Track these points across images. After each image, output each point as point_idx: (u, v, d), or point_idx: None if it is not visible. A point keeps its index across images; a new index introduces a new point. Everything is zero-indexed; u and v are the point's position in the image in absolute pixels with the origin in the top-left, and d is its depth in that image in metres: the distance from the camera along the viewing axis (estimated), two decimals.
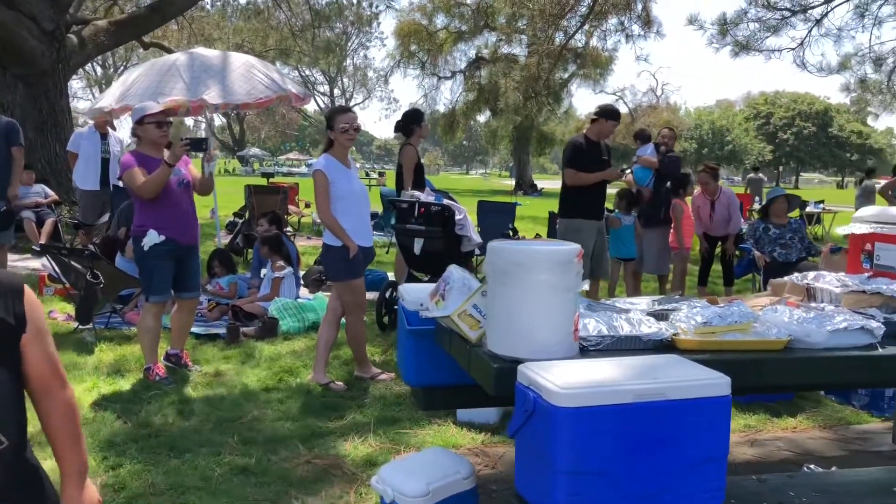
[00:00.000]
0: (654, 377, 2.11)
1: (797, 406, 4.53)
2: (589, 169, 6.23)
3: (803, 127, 67.04)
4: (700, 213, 7.76)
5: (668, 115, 51.11)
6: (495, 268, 2.46)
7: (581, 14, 19.33)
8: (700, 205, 7.79)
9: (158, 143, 4.71)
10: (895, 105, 18.68)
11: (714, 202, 7.69)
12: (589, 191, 6.26)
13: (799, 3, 16.07)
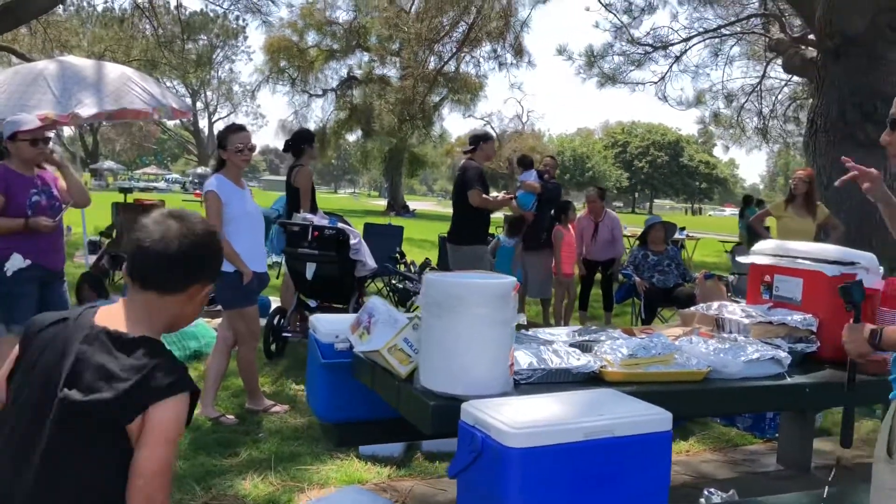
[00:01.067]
0: (600, 414, 2.10)
1: (688, 430, 4.70)
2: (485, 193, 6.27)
3: (657, 156, 71.28)
4: (584, 234, 8.01)
5: (532, 142, 52.82)
6: (431, 301, 2.38)
7: (456, 39, 19.71)
8: (584, 226, 8.05)
9: (31, 161, 4.27)
10: (743, 138, 20.14)
11: (598, 224, 7.98)
12: (483, 216, 6.30)
13: (660, 40, 17.04)
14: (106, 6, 24.11)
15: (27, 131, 4.16)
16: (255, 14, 14.13)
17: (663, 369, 2.66)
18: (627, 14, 15.85)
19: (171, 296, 1.62)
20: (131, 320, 1.59)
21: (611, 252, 8.04)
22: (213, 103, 65.01)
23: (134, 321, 1.58)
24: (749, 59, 18.54)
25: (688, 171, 72.75)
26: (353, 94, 36.13)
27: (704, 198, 79.85)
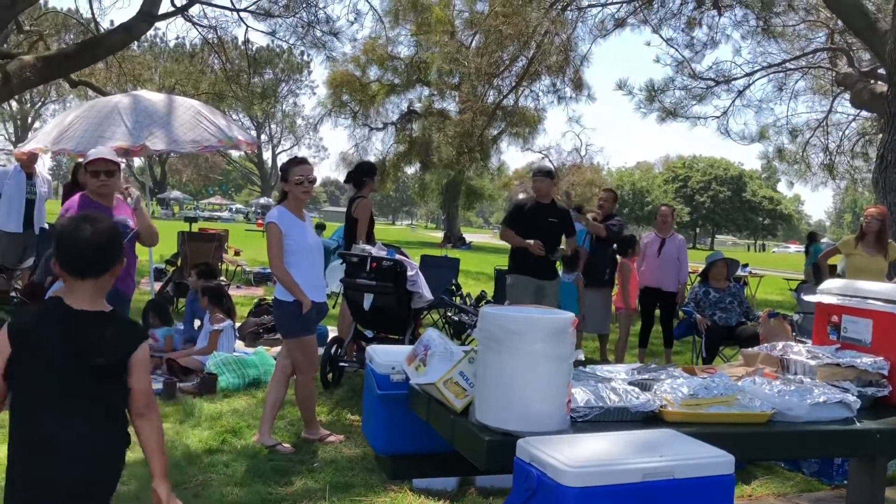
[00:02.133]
0: (660, 454, 2.05)
1: (750, 473, 4.56)
2: (526, 228, 6.61)
3: (719, 191, 70.09)
4: (647, 251, 7.83)
5: (591, 175, 52.57)
6: (488, 335, 2.37)
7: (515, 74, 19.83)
8: (649, 242, 7.86)
9: (99, 192, 4.40)
10: (808, 174, 19.68)
11: (665, 240, 7.81)
12: (523, 249, 6.59)
13: (722, 75, 16.86)
14: (177, 42, 25.08)
15: (90, 162, 4.32)
16: (319, 49, 14.46)
17: (725, 410, 2.59)
18: (689, 49, 15.74)
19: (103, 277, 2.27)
20: (92, 300, 2.24)
21: (674, 279, 7.77)
22: (276, 136, 66.78)
23: (93, 301, 2.24)
24: (815, 93, 18.18)
25: (750, 207, 71.28)
26: (412, 128, 36.62)
27: (768, 234, 78.02)
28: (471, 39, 21.65)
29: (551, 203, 6.81)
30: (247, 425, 4.95)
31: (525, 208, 6.89)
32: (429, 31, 24.80)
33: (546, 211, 6.71)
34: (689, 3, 14.53)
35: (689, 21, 14.99)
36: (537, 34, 15.05)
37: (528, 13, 14.91)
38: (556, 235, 6.75)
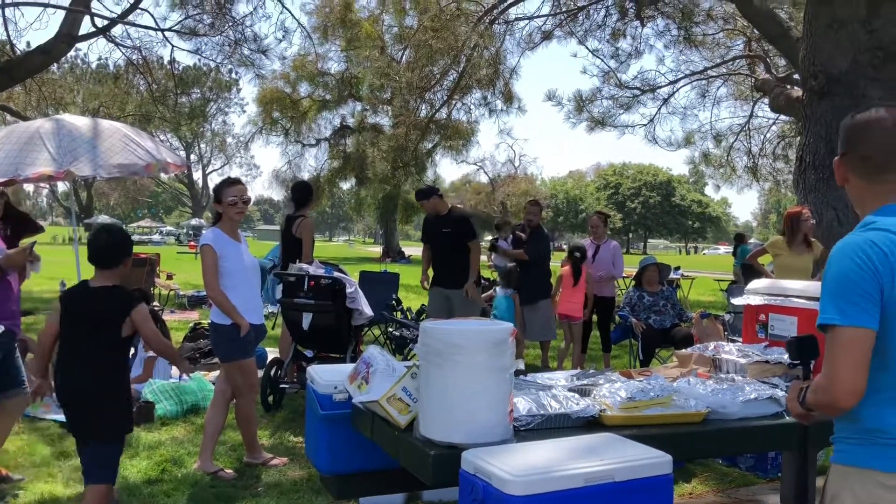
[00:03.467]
0: (601, 459, 2.10)
1: (689, 472, 4.67)
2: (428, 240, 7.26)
3: (649, 196, 71.81)
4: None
5: (525, 185, 53.19)
6: (429, 349, 2.39)
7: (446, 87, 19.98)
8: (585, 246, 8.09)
9: None
10: (734, 177, 20.33)
11: (599, 247, 8.02)
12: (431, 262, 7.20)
13: (647, 83, 17.31)
14: (100, 63, 24.48)
15: None
16: (247, 67, 14.31)
17: (662, 411, 2.66)
18: (615, 59, 16.11)
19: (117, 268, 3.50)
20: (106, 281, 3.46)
21: (608, 285, 8.00)
22: (206, 155, 65.64)
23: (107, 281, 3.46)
24: (736, 99, 18.82)
25: (680, 211, 73.21)
26: (346, 143, 36.47)
27: (698, 237, 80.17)
28: (401, 54, 21.72)
29: (447, 214, 7.02)
30: (187, 453, 4.84)
31: (428, 223, 7.32)
32: (359, 46, 24.77)
33: (441, 222, 6.99)
34: (612, 14, 14.89)
35: (613, 32, 15.35)
36: (466, 48, 15.19)
37: (457, 27, 15.04)
38: (454, 244, 6.88)
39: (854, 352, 1.70)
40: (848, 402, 1.72)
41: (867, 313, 1.70)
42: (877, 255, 1.72)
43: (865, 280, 1.71)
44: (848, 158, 1.90)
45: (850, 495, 1.77)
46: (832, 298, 1.74)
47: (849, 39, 7.73)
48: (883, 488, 1.71)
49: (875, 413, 1.75)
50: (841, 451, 1.84)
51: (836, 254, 1.78)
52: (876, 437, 1.75)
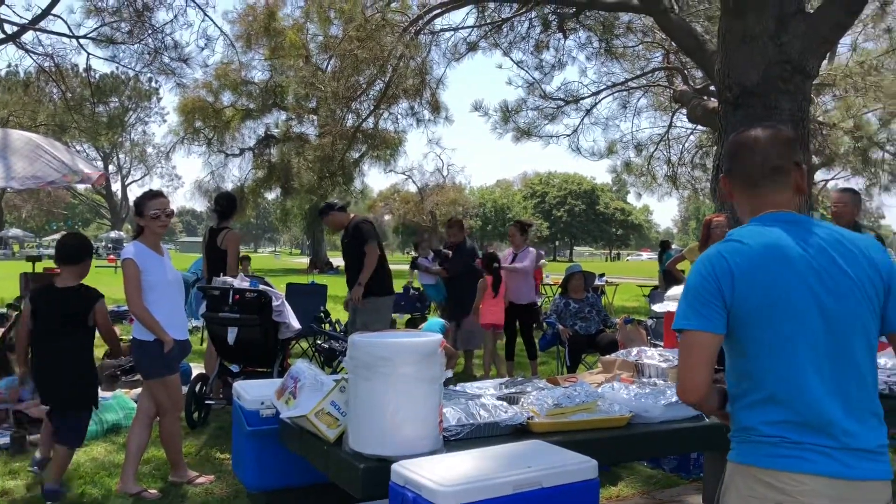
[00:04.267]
0: (528, 466, 2.13)
1: (616, 475, 4.77)
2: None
3: (574, 205, 73.17)
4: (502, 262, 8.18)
5: (454, 194, 53.50)
6: (357, 362, 2.39)
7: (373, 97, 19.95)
8: (503, 258, 8.24)
9: None
10: (654, 185, 20.89)
11: (517, 255, 8.14)
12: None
13: (571, 94, 17.65)
14: (9, 70, 23.48)
15: None
16: (168, 76, 13.98)
17: (587, 417, 2.73)
18: (539, 70, 16.37)
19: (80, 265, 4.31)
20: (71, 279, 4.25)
21: (526, 293, 8.11)
22: (126, 166, 63.75)
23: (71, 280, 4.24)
24: (656, 110, 19.35)
25: (604, 219, 74.83)
26: (270, 153, 35.98)
27: (622, 244, 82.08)
28: (326, 63, 21.59)
29: (347, 226, 6.93)
30: (108, 474, 4.68)
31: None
32: (283, 55, 24.50)
33: (344, 234, 6.98)
34: (536, 27, 15.13)
35: (537, 44, 15.60)
36: (393, 58, 15.20)
37: (383, 37, 15.04)
38: (353, 253, 6.75)
39: (695, 352, 1.85)
40: (692, 397, 1.88)
41: (708, 319, 1.83)
42: (720, 264, 1.85)
43: (707, 290, 1.85)
44: (730, 174, 2.04)
45: (734, 489, 1.91)
46: (683, 306, 1.89)
47: (760, 53, 8.07)
48: (759, 483, 1.83)
49: (746, 415, 1.88)
50: (732, 448, 1.97)
51: (695, 264, 1.93)
52: (750, 435, 1.87)
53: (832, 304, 1.82)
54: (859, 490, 1.78)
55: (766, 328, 1.82)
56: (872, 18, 14.61)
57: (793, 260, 1.84)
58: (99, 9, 12.53)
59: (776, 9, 7.06)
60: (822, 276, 1.83)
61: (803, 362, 1.81)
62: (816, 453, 1.78)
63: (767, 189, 1.96)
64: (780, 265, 1.83)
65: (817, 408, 1.80)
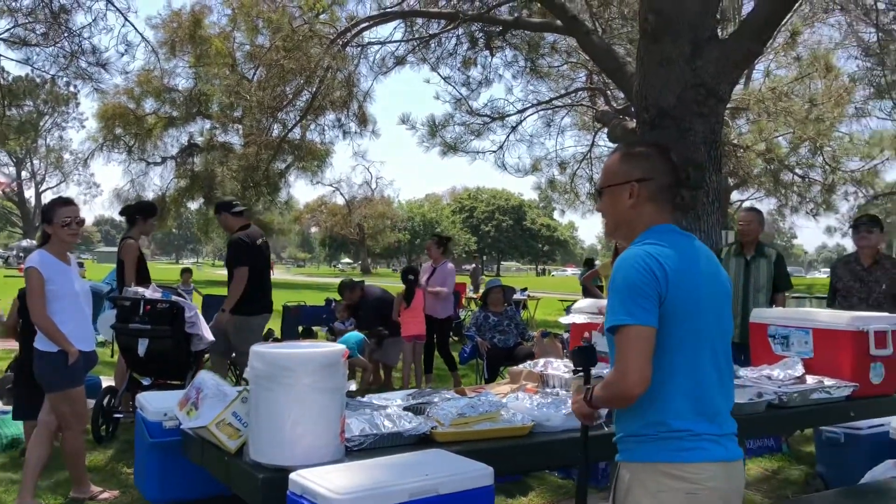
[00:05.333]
0: (425, 474, 2.16)
1: (527, 485, 4.85)
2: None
3: (502, 220, 73.98)
4: (422, 278, 8.29)
5: (382, 208, 53.47)
6: (258, 373, 2.38)
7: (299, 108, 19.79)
8: (423, 271, 8.41)
9: None
10: (577, 203, 21.33)
11: (436, 269, 8.24)
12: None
13: (497, 111, 17.90)
14: None
15: None
16: (86, 81, 13.56)
17: (490, 426, 2.78)
18: (466, 87, 16.55)
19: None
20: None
21: (443, 307, 8.19)
22: (41, 172, 61.37)
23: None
24: (579, 129, 19.78)
25: (531, 234, 75.89)
26: (194, 162, 35.21)
27: (548, 259, 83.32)
28: (253, 73, 21.32)
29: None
30: (4, 490, 4.50)
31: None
32: (208, 63, 24.06)
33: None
34: (463, 43, 15.31)
35: (464, 61, 15.78)
36: (320, 69, 15.15)
37: (310, 48, 14.98)
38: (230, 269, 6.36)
39: (640, 346, 1.94)
40: (638, 391, 1.95)
41: (649, 313, 1.95)
42: (654, 264, 1.98)
43: (648, 285, 1.96)
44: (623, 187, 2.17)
45: (640, 488, 2.01)
46: (621, 302, 1.97)
47: (676, 76, 8.36)
48: (667, 477, 1.96)
49: (657, 408, 2.00)
50: (628, 450, 2.09)
51: (621, 264, 2.03)
52: (659, 431, 1.99)
53: (718, 306, 2.08)
54: (735, 469, 2.04)
55: (683, 325, 1.98)
56: (783, 47, 15.34)
57: (699, 267, 2.05)
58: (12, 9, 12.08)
59: (691, 34, 7.35)
60: (713, 283, 2.09)
61: (704, 358, 2.02)
62: (710, 442, 1.99)
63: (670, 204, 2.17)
64: (693, 270, 2.04)
65: (712, 400, 2.02)
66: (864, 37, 16.32)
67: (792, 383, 3.59)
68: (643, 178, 2.15)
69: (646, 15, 6.58)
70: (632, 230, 2.16)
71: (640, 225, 2.14)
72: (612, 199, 2.20)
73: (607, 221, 2.26)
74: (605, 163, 2.32)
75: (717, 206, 6.98)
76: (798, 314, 4.16)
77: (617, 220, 2.21)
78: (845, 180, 19.29)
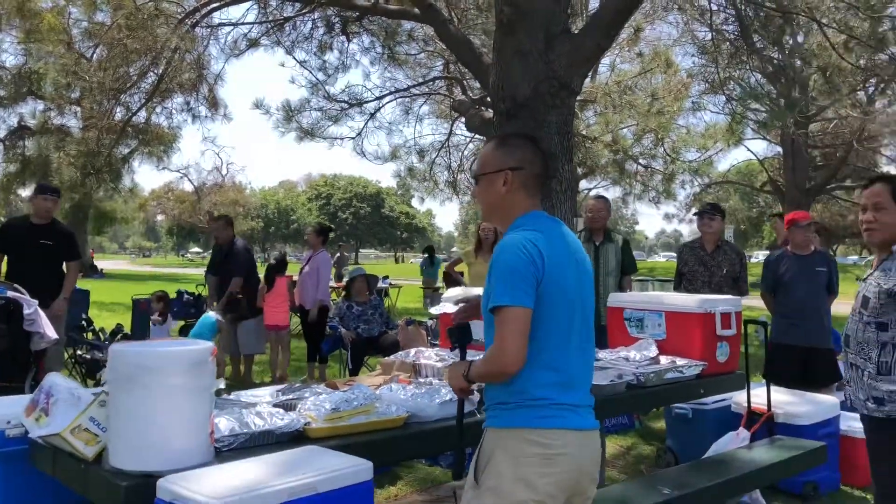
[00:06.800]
0: (303, 472, 2.11)
1: (395, 475, 4.85)
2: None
3: (360, 207, 73.55)
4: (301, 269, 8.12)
5: (234, 195, 51.72)
6: (119, 374, 2.23)
7: (144, 90, 18.76)
8: (302, 258, 8.18)
9: None
10: (436, 191, 21.54)
11: (311, 258, 8.09)
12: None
13: (355, 98, 17.73)
14: None
15: None
16: None
17: (365, 419, 2.74)
18: (322, 72, 16.26)
19: None
20: None
21: (311, 296, 8.02)
22: None
23: None
24: (437, 117, 19.94)
25: (389, 222, 75.94)
26: (25, 145, 32.67)
27: (406, 246, 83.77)
28: (92, 52, 20.00)
29: (51, 219, 6.36)
30: None
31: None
32: (40, 39, 22.31)
33: (43, 228, 6.23)
34: (319, 28, 15.03)
35: (320, 45, 15.50)
36: (167, 50, 14.41)
37: (156, 28, 14.21)
38: (50, 256, 6.21)
39: (519, 326, 2.06)
40: (515, 367, 2.07)
41: (528, 295, 2.07)
42: (533, 249, 2.11)
43: (527, 269, 2.09)
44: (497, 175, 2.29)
45: (501, 452, 2.11)
46: (503, 285, 2.08)
47: (530, 68, 8.58)
48: (527, 443, 2.08)
49: (522, 378, 2.10)
50: (494, 416, 2.19)
51: (501, 249, 2.15)
52: (523, 399, 2.11)
53: (584, 287, 2.24)
54: (591, 437, 2.18)
55: (553, 305, 2.11)
56: (627, 42, 16.13)
57: (568, 250, 2.21)
58: None
59: (545, 27, 7.56)
60: (580, 267, 2.24)
61: (570, 335, 2.17)
62: (568, 411, 2.13)
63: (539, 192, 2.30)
64: (563, 254, 2.18)
65: (574, 373, 2.17)
66: (699, 35, 17.48)
67: (647, 364, 3.79)
68: (516, 167, 2.28)
69: (501, 7, 6.70)
70: (506, 216, 2.30)
71: (514, 211, 2.28)
72: (487, 186, 2.32)
73: (483, 207, 2.40)
74: (481, 151, 2.40)
75: (570, 194, 7.23)
76: (651, 298, 4.40)
77: (491, 205, 2.34)
78: (683, 170, 20.58)
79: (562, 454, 2.08)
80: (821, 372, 5.41)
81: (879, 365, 2.84)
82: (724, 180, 31.63)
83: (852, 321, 2.98)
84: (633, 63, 17.63)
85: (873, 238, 2.94)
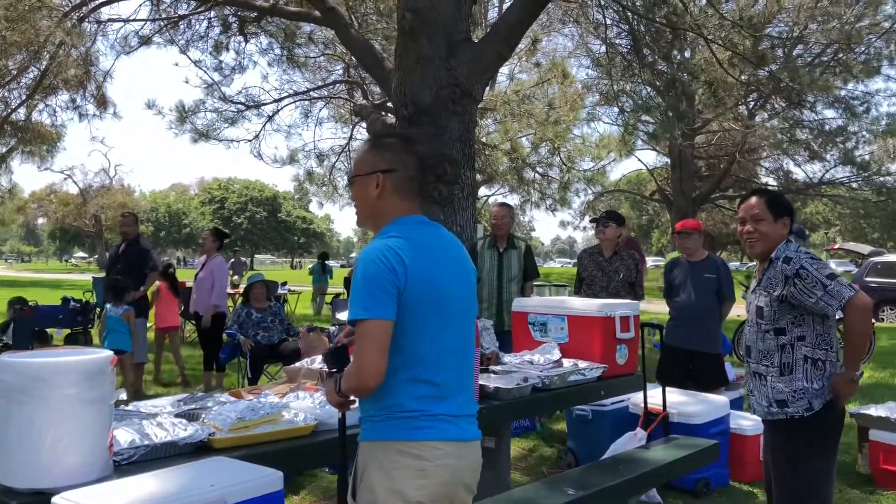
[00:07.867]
0: (211, 484, 2.03)
1: (298, 483, 4.76)
2: None
3: (255, 212, 71.96)
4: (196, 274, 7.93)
5: (122, 197, 49.70)
6: (7, 386, 2.09)
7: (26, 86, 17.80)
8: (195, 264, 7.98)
9: None
10: (335, 195, 21.35)
11: (206, 263, 7.91)
12: None
13: (252, 99, 17.36)
14: None
15: None
16: None
17: (272, 429, 2.68)
18: (218, 72, 15.84)
19: None
20: None
21: (204, 302, 7.80)
22: None
23: None
24: (337, 121, 19.79)
25: (286, 227, 74.65)
26: None
27: (304, 252, 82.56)
28: None
29: None
30: None
31: None
32: None
33: None
34: (215, 27, 14.64)
35: (216, 45, 15.09)
36: (50, 44, 13.73)
37: (38, 21, 13.51)
38: None
39: (376, 340, 1.98)
40: (374, 382, 2.01)
41: (386, 307, 1.99)
42: (394, 257, 2.03)
43: (385, 279, 2.00)
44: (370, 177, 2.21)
45: (375, 464, 2.07)
46: (360, 297, 2.01)
47: (432, 75, 8.63)
48: (400, 454, 2.04)
49: (393, 390, 2.06)
50: (366, 429, 2.15)
51: (361, 258, 2.08)
52: (394, 411, 2.07)
53: (462, 293, 2.19)
54: (469, 448, 2.15)
55: (424, 314, 2.04)
56: (526, 53, 16.47)
57: (442, 255, 2.15)
58: None
59: (447, 34, 7.62)
60: (457, 270, 2.18)
61: (447, 343, 2.11)
62: (445, 422, 2.08)
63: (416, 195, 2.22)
64: (435, 259, 2.11)
65: (451, 383, 2.11)
66: (593, 48, 18.07)
67: (551, 367, 3.87)
68: (388, 169, 2.19)
69: (403, 13, 6.73)
70: (379, 220, 2.22)
71: (387, 215, 2.19)
72: (360, 189, 2.23)
73: (357, 211, 2.30)
74: (355, 153, 2.35)
75: (472, 200, 7.32)
76: (554, 303, 4.50)
77: (365, 209, 2.26)
78: (578, 178, 21.17)
79: (437, 466, 2.04)
80: (706, 375, 5.67)
81: (782, 367, 2.99)
82: (616, 189, 32.78)
83: (750, 332, 3.13)
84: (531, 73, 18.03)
85: (754, 249, 3.09)
